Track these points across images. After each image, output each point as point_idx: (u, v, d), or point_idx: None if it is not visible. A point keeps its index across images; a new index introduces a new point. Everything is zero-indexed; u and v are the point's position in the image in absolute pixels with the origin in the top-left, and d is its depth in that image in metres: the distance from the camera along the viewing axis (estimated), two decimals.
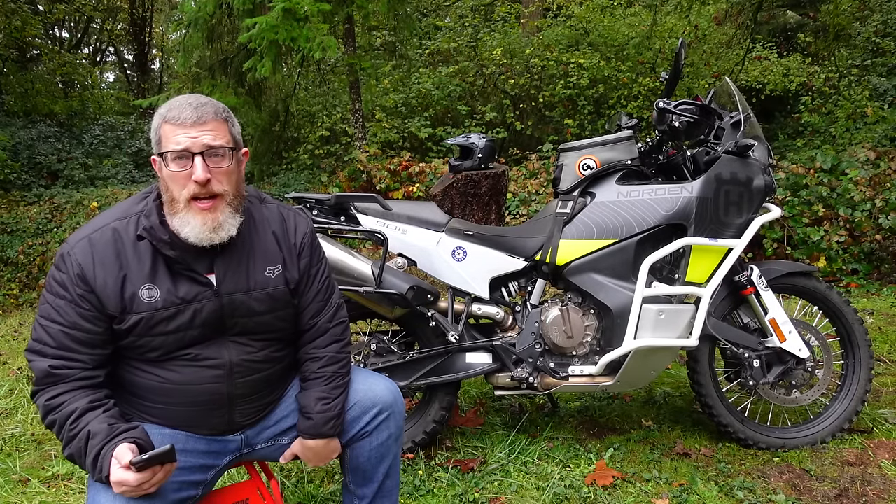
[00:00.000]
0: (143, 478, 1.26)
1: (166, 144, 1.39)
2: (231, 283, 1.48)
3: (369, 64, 6.92)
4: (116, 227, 1.43)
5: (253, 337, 1.54)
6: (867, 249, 4.82)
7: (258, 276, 1.52)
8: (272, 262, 1.54)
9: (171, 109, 1.41)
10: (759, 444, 2.47)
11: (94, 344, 1.41)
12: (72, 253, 1.40)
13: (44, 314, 1.41)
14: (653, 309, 2.29)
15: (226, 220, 1.43)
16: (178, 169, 1.38)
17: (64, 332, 1.39)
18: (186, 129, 1.38)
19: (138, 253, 1.42)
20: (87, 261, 1.39)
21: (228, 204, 1.43)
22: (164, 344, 1.44)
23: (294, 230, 1.60)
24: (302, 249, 1.60)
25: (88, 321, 1.39)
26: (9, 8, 10.16)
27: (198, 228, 1.39)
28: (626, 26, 9.17)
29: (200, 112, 1.40)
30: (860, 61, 8.78)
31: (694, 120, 2.41)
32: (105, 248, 1.41)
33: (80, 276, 1.39)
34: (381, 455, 1.68)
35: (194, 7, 6.31)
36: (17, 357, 4.28)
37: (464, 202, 3.14)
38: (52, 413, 1.37)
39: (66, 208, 7.48)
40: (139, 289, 1.41)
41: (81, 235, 1.43)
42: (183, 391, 1.48)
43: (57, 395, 1.37)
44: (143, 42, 16.34)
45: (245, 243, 1.51)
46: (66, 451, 1.36)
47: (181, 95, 1.46)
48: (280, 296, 1.55)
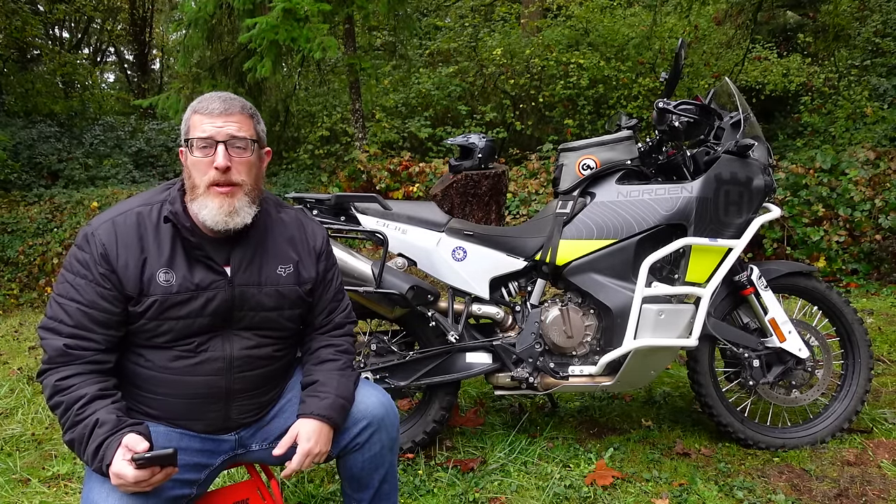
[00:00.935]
0: (141, 476, 1.27)
1: (192, 132, 1.46)
2: (244, 275, 1.53)
3: (369, 64, 6.92)
4: (141, 212, 1.48)
5: (257, 332, 1.56)
6: (867, 249, 4.82)
7: (270, 272, 1.57)
8: (284, 261, 1.59)
9: (202, 101, 1.49)
10: (759, 444, 2.48)
11: (109, 324, 1.43)
12: (96, 234, 1.44)
13: (62, 292, 1.43)
14: (653, 309, 2.29)
15: (242, 207, 1.48)
16: (201, 156, 1.45)
17: (82, 310, 1.41)
18: (213, 119, 1.46)
19: (159, 238, 1.47)
20: (110, 241, 1.43)
21: (246, 194, 1.49)
22: (172, 329, 1.47)
23: (314, 235, 1.68)
24: (321, 254, 1.67)
25: (107, 301, 1.42)
26: (9, 8, 10.17)
27: (215, 211, 1.45)
28: (626, 26, 9.18)
29: (228, 104, 1.48)
30: (860, 61, 8.78)
31: (694, 120, 2.41)
32: (128, 231, 1.45)
33: (103, 255, 1.42)
34: (375, 465, 1.67)
35: (194, 7, 6.31)
36: (17, 357, 4.28)
37: (464, 202, 3.14)
38: (60, 394, 1.37)
39: (66, 208, 7.47)
40: (157, 272, 1.45)
41: (106, 218, 1.47)
42: (182, 382, 1.50)
43: (68, 376, 1.38)
44: (144, 42, 16.36)
45: (261, 241, 1.57)
46: (66, 435, 1.36)
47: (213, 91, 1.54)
48: (289, 295, 1.59)
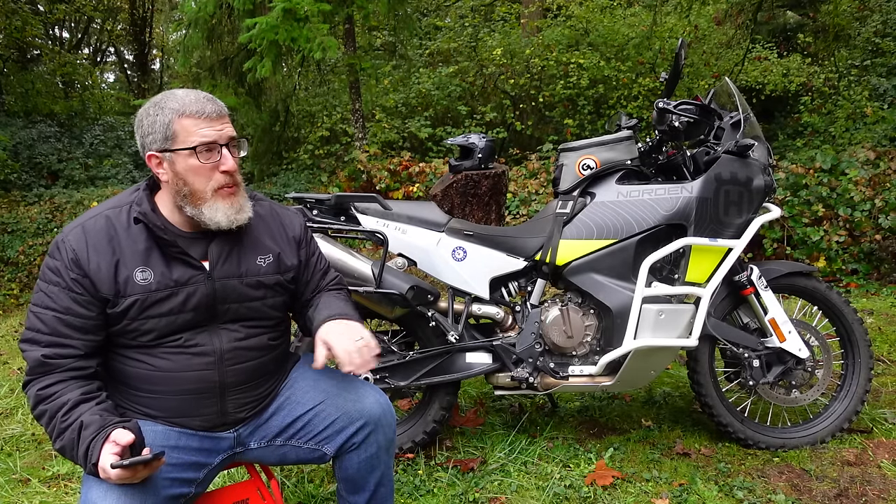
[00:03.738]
0: (124, 475, 1.26)
1: (188, 139, 1.44)
2: (224, 268, 1.53)
3: (369, 64, 6.92)
4: (109, 215, 1.48)
5: (244, 324, 1.57)
6: (867, 249, 4.82)
7: (250, 263, 1.58)
8: (263, 252, 1.61)
9: (188, 105, 1.44)
10: (759, 444, 2.48)
11: (87, 329, 1.43)
12: (66, 240, 1.44)
13: (37, 302, 1.44)
14: (653, 309, 2.29)
15: (244, 203, 1.54)
16: (205, 161, 1.45)
17: (57, 317, 1.41)
18: (211, 123, 1.45)
19: (132, 238, 1.46)
20: (80, 246, 1.43)
21: (244, 189, 1.55)
22: (156, 327, 1.47)
23: (291, 224, 1.71)
24: (300, 241, 1.71)
25: (82, 305, 1.42)
26: (9, 8, 10.16)
27: (229, 212, 1.49)
28: (625, 26, 9.17)
29: (219, 106, 1.49)
30: (860, 61, 8.77)
31: (694, 120, 2.41)
32: (98, 234, 1.45)
33: (73, 260, 1.42)
34: (372, 466, 1.67)
35: (194, 7, 6.31)
36: (17, 357, 4.28)
37: (464, 202, 3.14)
38: (43, 403, 1.37)
39: (66, 208, 7.48)
40: (133, 271, 1.44)
41: (75, 224, 1.48)
42: (174, 378, 1.49)
43: (49, 384, 1.38)
44: (144, 42, 16.35)
45: (238, 233, 1.57)
46: (56, 443, 1.36)
47: (181, 90, 1.50)
48: (271, 283, 1.60)
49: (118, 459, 1.25)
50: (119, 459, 1.25)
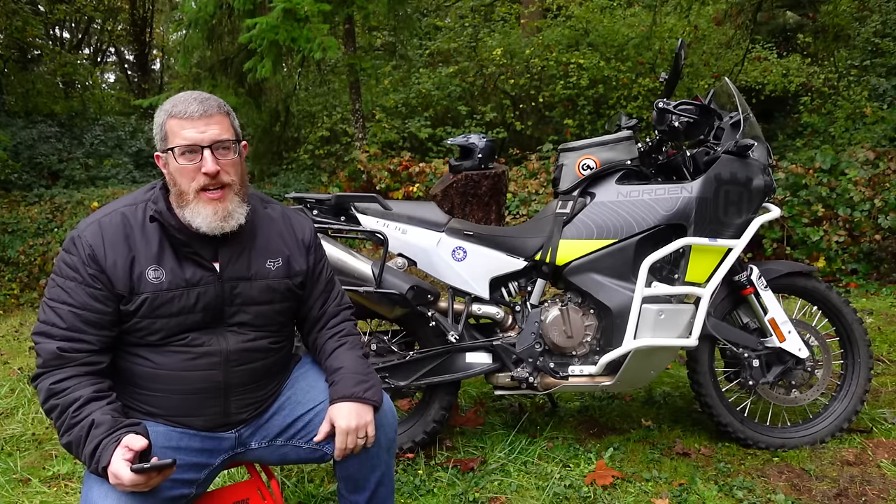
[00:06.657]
0: (138, 480, 1.27)
1: (173, 140, 1.45)
2: (233, 270, 1.54)
3: (369, 64, 6.93)
4: (125, 213, 1.49)
5: (250, 327, 1.57)
6: (866, 249, 4.82)
7: (259, 267, 1.58)
8: (273, 256, 1.61)
9: (177, 105, 1.46)
10: (759, 444, 2.48)
11: (101, 325, 1.44)
12: (82, 236, 1.45)
13: (53, 296, 1.44)
14: (652, 309, 2.29)
15: (235, 209, 1.49)
16: (186, 163, 1.44)
17: (74, 312, 1.42)
18: (194, 123, 1.44)
19: (146, 236, 1.47)
20: (97, 242, 1.44)
21: (236, 194, 1.50)
22: (165, 326, 1.47)
23: (301, 228, 1.69)
24: (310, 246, 1.69)
25: (98, 301, 1.43)
26: (10, 8, 10.17)
27: (209, 218, 1.46)
28: (625, 27, 9.18)
29: (206, 106, 1.46)
30: (859, 62, 8.78)
31: (693, 120, 2.41)
32: (114, 231, 1.46)
33: (90, 256, 1.43)
34: (373, 466, 1.67)
35: (194, 7, 6.31)
36: (17, 357, 4.28)
37: (464, 202, 3.14)
38: (55, 397, 1.38)
39: (66, 208, 7.48)
40: (146, 269, 1.45)
41: (91, 220, 1.48)
42: (179, 378, 1.50)
43: (62, 378, 1.39)
44: (144, 42, 16.36)
45: (249, 236, 1.57)
46: (63, 438, 1.37)
47: (183, 92, 1.51)
48: (279, 288, 1.60)
49: (131, 465, 1.26)
50: (132, 464, 1.26)
